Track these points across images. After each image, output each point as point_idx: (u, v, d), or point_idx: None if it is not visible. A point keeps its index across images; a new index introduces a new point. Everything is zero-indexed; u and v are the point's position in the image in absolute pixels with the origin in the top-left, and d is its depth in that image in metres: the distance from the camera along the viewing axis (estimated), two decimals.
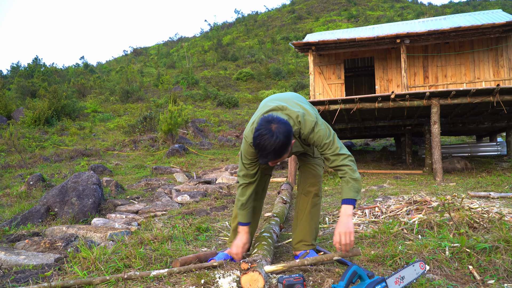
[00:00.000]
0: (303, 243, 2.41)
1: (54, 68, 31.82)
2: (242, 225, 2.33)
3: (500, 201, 3.94)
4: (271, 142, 1.84)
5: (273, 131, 1.85)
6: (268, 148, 1.86)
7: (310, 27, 39.72)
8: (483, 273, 1.97)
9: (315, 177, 2.41)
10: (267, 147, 1.86)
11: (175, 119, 12.65)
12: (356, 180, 2.06)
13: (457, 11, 36.95)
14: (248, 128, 2.15)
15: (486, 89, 6.31)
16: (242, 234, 2.32)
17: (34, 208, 4.61)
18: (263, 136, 1.86)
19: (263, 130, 1.87)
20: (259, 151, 1.91)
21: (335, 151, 2.08)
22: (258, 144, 1.88)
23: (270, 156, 1.90)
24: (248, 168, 2.24)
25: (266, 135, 1.85)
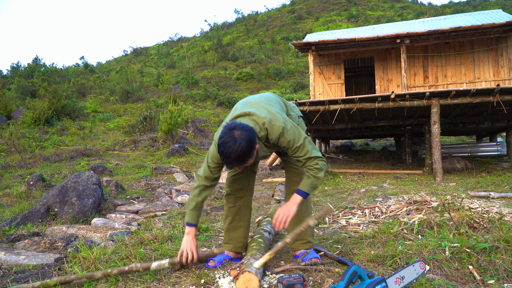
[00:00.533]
0: (300, 242, 2.42)
1: (54, 68, 31.82)
2: (191, 226, 2.28)
3: (500, 201, 3.94)
4: (234, 149, 1.89)
5: (236, 138, 1.89)
6: (232, 155, 1.90)
7: (310, 27, 39.72)
8: (483, 273, 1.97)
9: (298, 175, 2.40)
10: (230, 154, 1.90)
11: (175, 119, 12.65)
12: (318, 178, 2.11)
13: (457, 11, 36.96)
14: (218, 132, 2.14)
15: (486, 89, 6.31)
16: (190, 237, 2.27)
17: (34, 208, 4.61)
18: (226, 143, 1.90)
19: (226, 138, 1.91)
20: (223, 158, 1.95)
21: (306, 154, 2.10)
22: (222, 151, 1.93)
23: (234, 163, 1.95)
24: (212, 171, 2.24)
25: (229, 143, 1.89)
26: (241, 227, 2.49)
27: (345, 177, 7.29)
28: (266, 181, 7.49)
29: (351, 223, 3.29)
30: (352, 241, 2.69)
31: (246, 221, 2.56)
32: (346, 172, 7.89)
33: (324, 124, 8.90)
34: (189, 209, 2.28)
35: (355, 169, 8.35)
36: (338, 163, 9.93)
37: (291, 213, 2.11)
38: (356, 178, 7.23)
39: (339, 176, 7.23)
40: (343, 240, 2.75)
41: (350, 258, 2.37)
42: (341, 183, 6.60)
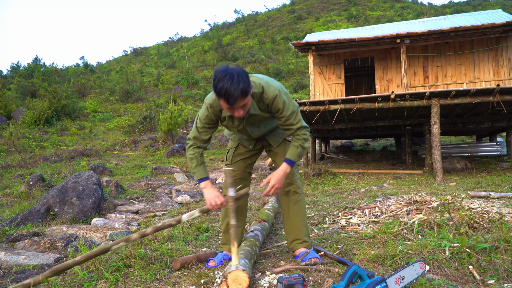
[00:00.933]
0: (296, 242, 2.43)
1: (54, 68, 31.81)
2: (204, 180, 2.29)
3: (500, 201, 3.94)
4: (234, 81, 1.90)
5: (231, 72, 1.93)
6: (233, 88, 1.90)
7: (310, 27, 39.72)
8: (483, 273, 1.96)
9: (288, 176, 2.41)
10: (230, 88, 1.90)
11: (175, 119, 12.65)
12: (304, 148, 2.23)
13: (457, 11, 36.96)
14: (209, 94, 2.22)
15: (486, 89, 6.31)
16: (209, 188, 2.26)
17: (34, 208, 4.61)
18: (223, 78, 1.91)
19: (221, 75, 1.93)
20: (225, 94, 1.92)
21: (298, 123, 2.20)
22: (222, 87, 1.91)
23: (236, 95, 1.91)
24: (201, 133, 2.29)
25: (226, 77, 1.91)
26: (239, 227, 2.49)
27: (345, 177, 7.29)
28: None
29: (351, 223, 3.29)
30: (352, 241, 2.69)
31: (243, 221, 2.60)
32: (346, 172, 7.89)
33: (324, 124, 8.90)
34: (194, 166, 2.30)
35: (355, 169, 8.35)
36: (338, 163, 9.93)
37: (281, 184, 2.22)
38: (356, 178, 7.23)
39: (339, 176, 7.23)
40: (343, 240, 2.75)
41: (350, 258, 2.37)
42: (341, 183, 6.60)
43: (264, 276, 2.14)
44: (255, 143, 2.52)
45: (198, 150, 2.32)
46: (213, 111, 2.22)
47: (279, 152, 2.49)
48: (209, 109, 2.21)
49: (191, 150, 2.33)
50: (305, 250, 2.39)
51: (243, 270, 1.87)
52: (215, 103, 2.18)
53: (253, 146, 2.51)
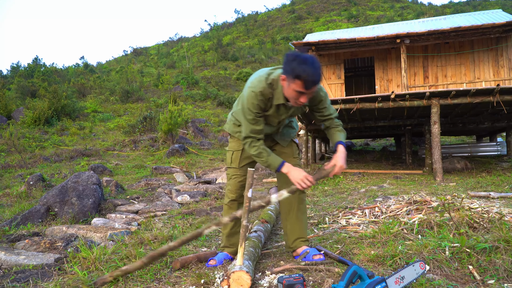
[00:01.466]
0: (300, 239, 2.42)
1: (54, 68, 31.78)
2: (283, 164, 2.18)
3: (500, 201, 3.94)
4: (315, 66, 1.95)
5: (311, 57, 1.97)
6: (316, 72, 1.95)
7: (310, 27, 39.72)
8: (483, 273, 1.96)
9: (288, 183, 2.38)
10: (314, 72, 1.94)
11: (175, 119, 12.65)
12: (345, 132, 2.38)
13: (457, 11, 36.95)
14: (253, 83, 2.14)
15: (486, 89, 6.31)
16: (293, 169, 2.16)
17: (34, 208, 4.61)
18: (305, 61, 1.93)
19: (299, 59, 1.94)
20: (307, 77, 1.93)
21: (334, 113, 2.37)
22: (304, 70, 1.93)
23: (317, 79, 1.97)
24: (254, 124, 2.17)
25: (307, 60, 1.94)
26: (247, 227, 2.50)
27: (345, 177, 7.29)
28: (266, 181, 7.50)
29: (351, 223, 3.29)
30: (352, 241, 2.69)
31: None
32: (346, 172, 7.89)
33: None
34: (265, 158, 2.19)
35: (355, 169, 8.35)
36: None
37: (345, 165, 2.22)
38: (356, 178, 7.23)
39: (339, 176, 7.24)
40: (343, 240, 2.75)
41: (350, 258, 2.37)
42: (341, 183, 6.60)
43: (264, 276, 2.15)
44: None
45: (260, 142, 2.20)
46: (263, 99, 2.14)
47: (287, 152, 2.48)
48: (258, 96, 2.12)
49: (252, 147, 2.20)
50: (306, 248, 2.38)
51: (247, 272, 1.87)
52: (266, 91, 2.13)
53: None
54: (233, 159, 2.47)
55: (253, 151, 2.20)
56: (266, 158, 2.19)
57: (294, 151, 2.51)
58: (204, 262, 2.42)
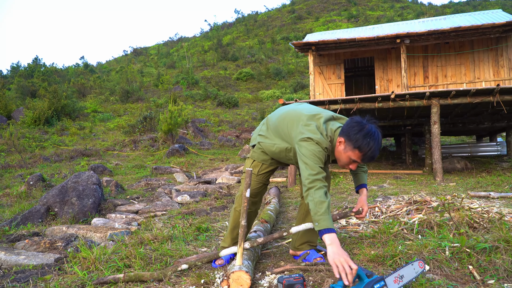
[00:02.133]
0: (309, 243, 2.42)
1: (54, 68, 31.79)
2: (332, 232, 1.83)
3: (500, 201, 3.94)
4: (379, 144, 1.99)
5: (374, 130, 1.98)
6: (376, 151, 1.99)
7: (310, 27, 39.72)
8: (483, 273, 1.96)
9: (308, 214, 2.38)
10: (375, 150, 1.98)
11: (175, 119, 12.65)
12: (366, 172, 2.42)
13: (457, 11, 36.95)
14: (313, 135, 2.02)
15: (486, 89, 6.31)
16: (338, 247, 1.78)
17: (34, 208, 4.61)
18: (373, 136, 1.95)
19: (366, 131, 1.95)
20: (368, 153, 1.97)
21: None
22: (368, 145, 1.94)
23: (375, 156, 2.02)
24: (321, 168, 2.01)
25: (373, 135, 1.96)
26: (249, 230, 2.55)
27: (345, 177, 7.29)
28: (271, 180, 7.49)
29: (351, 223, 3.29)
30: (352, 241, 2.69)
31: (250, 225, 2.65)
32: (346, 172, 7.88)
33: None
34: (323, 211, 1.86)
35: None
36: None
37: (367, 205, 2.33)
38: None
39: (339, 176, 7.23)
40: (343, 240, 2.75)
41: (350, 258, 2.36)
42: (341, 183, 6.60)
43: (264, 276, 2.15)
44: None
45: (325, 191, 1.95)
46: (327, 152, 2.07)
47: None
48: (324, 150, 2.03)
49: (320, 191, 1.91)
50: (306, 250, 2.39)
51: (246, 272, 1.87)
52: (330, 147, 2.08)
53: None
54: (253, 166, 2.43)
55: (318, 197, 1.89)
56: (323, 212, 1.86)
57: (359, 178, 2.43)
58: (210, 262, 2.41)
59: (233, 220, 2.47)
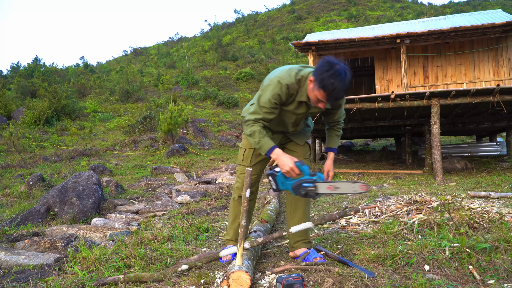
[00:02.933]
0: (303, 241, 2.43)
1: (54, 68, 31.79)
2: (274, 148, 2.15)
3: (500, 201, 3.94)
4: (344, 82, 1.99)
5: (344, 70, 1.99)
6: (341, 89, 1.99)
7: (310, 27, 39.71)
8: (483, 273, 1.96)
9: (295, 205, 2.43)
10: (340, 88, 1.98)
11: (175, 119, 12.65)
12: (340, 136, 2.51)
13: (457, 11, 36.95)
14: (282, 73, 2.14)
15: (486, 89, 6.31)
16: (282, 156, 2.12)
17: (34, 208, 4.61)
18: (336, 75, 1.96)
19: (333, 71, 1.97)
20: (332, 91, 1.99)
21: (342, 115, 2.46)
22: (332, 84, 1.97)
23: (341, 95, 2.05)
24: (266, 113, 2.17)
25: (339, 75, 1.96)
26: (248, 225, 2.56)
27: (345, 177, 7.29)
28: (266, 181, 7.50)
29: (351, 223, 3.29)
30: (352, 241, 2.69)
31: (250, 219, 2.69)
32: (346, 172, 7.88)
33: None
34: (261, 137, 2.14)
35: (355, 169, 8.35)
36: (338, 163, 9.93)
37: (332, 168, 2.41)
38: (356, 178, 7.23)
39: (339, 176, 7.24)
40: (343, 240, 2.75)
41: (350, 258, 2.37)
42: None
43: (264, 276, 2.14)
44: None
45: (260, 125, 2.18)
46: (287, 92, 2.14)
47: (298, 152, 2.48)
48: (284, 89, 2.12)
49: (253, 127, 2.17)
50: (306, 250, 2.39)
51: (246, 271, 1.87)
52: (293, 85, 2.14)
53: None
54: (244, 157, 2.47)
55: (248, 131, 2.18)
56: (259, 139, 2.15)
57: (306, 152, 2.51)
58: (212, 261, 2.41)
59: (232, 211, 2.52)
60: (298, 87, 2.16)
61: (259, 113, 2.18)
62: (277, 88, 2.12)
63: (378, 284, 1.91)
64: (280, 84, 2.12)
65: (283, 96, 2.14)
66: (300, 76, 2.14)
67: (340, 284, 1.92)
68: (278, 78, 2.13)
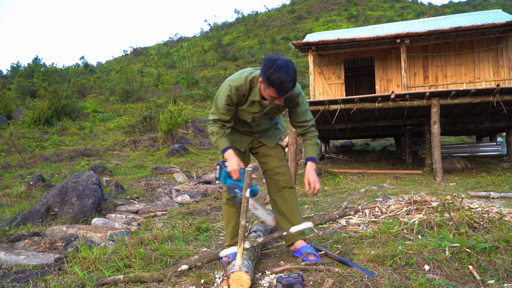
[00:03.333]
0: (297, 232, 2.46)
1: (54, 68, 31.79)
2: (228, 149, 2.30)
3: (500, 201, 3.94)
4: (289, 73, 2.03)
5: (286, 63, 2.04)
6: (288, 80, 2.03)
7: (310, 27, 39.70)
8: (483, 273, 1.96)
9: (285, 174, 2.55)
10: (286, 80, 2.03)
11: (175, 119, 12.65)
12: (318, 145, 2.49)
13: (457, 11, 36.95)
14: (233, 76, 2.28)
15: (486, 89, 6.31)
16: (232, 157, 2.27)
17: (34, 208, 4.61)
18: (279, 69, 2.01)
19: (276, 65, 2.02)
20: (280, 85, 2.03)
21: (311, 121, 2.45)
22: (278, 78, 2.02)
23: (290, 87, 2.07)
24: (222, 114, 2.32)
25: (282, 68, 2.02)
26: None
27: (345, 177, 7.29)
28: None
29: (351, 223, 3.29)
30: (352, 241, 2.69)
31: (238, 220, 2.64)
32: (346, 172, 7.89)
33: (324, 124, 8.90)
34: (218, 138, 2.32)
35: (355, 169, 8.35)
36: (338, 163, 9.93)
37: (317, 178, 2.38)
38: (356, 178, 7.23)
39: (339, 176, 7.24)
40: (343, 240, 2.75)
41: (350, 258, 2.37)
42: (341, 183, 6.60)
43: (264, 276, 2.14)
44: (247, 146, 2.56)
45: (219, 125, 2.35)
46: (237, 94, 2.26)
47: (272, 154, 2.57)
48: (234, 91, 2.24)
49: (212, 127, 2.36)
50: (305, 244, 2.42)
51: (246, 271, 1.87)
52: (243, 87, 2.24)
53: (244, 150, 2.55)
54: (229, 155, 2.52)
55: (209, 130, 2.38)
56: (216, 138, 2.33)
57: (280, 153, 2.60)
58: (213, 261, 2.42)
59: (225, 215, 2.57)
60: (250, 88, 2.26)
61: (216, 114, 2.35)
62: (227, 90, 2.26)
63: (378, 284, 1.91)
64: (230, 87, 2.25)
65: (233, 98, 2.27)
66: (251, 77, 2.24)
67: (340, 284, 1.92)
68: (229, 81, 2.28)
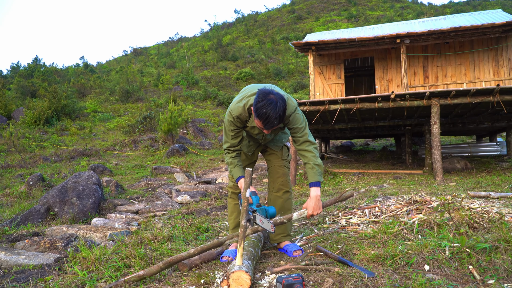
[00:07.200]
0: (282, 235, 2.64)
1: (54, 68, 31.78)
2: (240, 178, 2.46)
3: (500, 201, 3.94)
4: (276, 110, 2.11)
5: (274, 100, 2.12)
6: (273, 117, 2.11)
7: (310, 27, 39.70)
8: (483, 273, 1.96)
9: (284, 175, 2.69)
10: (272, 116, 2.11)
11: (175, 119, 12.65)
12: (319, 165, 2.41)
13: (457, 11, 36.95)
14: (234, 105, 2.38)
15: (486, 89, 6.31)
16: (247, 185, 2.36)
17: (34, 208, 4.61)
18: (267, 105, 2.10)
19: (265, 101, 2.11)
20: (265, 120, 2.13)
21: (304, 136, 2.42)
22: (264, 113, 2.11)
23: (275, 122, 2.14)
24: (232, 139, 2.45)
25: (270, 104, 2.10)
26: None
27: (345, 177, 7.29)
28: (266, 181, 7.50)
29: (351, 223, 3.29)
30: (352, 241, 2.69)
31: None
32: (346, 172, 7.89)
33: (324, 124, 8.90)
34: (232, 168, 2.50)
35: (355, 169, 8.35)
36: (338, 163, 9.93)
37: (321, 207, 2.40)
38: (356, 178, 7.23)
39: (339, 176, 7.24)
40: (343, 240, 2.75)
41: (350, 258, 2.37)
42: (341, 183, 6.60)
43: (264, 276, 2.14)
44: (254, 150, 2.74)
45: (233, 154, 2.51)
46: (239, 121, 2.40)
47: (277, 153, 2.73)
48: (235, 119, 2.38)
49: (227, 157, 2.52)
50: (289, 243, 2.60)
51: (246, 271, 1.87)
52: (242, 116, 2.36)
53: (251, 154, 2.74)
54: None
55: (226, 160, 2.54)
56: (231, 168, 2.51)
57: (284, 154, 2.75)
58: (208, 263, 2.42)
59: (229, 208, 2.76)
60: (249, 115, 2.38)
61: (228, 141, 2.50)
62: (230, 118, 2.41)
63: (378, 284, 1.91)
64: (231, 116, 2.39)
65: (237, 124, 2.41)
66: (248, 105, 2.34)
67: (340, 284, 1.92)
68: (230, 110, 2.40)
